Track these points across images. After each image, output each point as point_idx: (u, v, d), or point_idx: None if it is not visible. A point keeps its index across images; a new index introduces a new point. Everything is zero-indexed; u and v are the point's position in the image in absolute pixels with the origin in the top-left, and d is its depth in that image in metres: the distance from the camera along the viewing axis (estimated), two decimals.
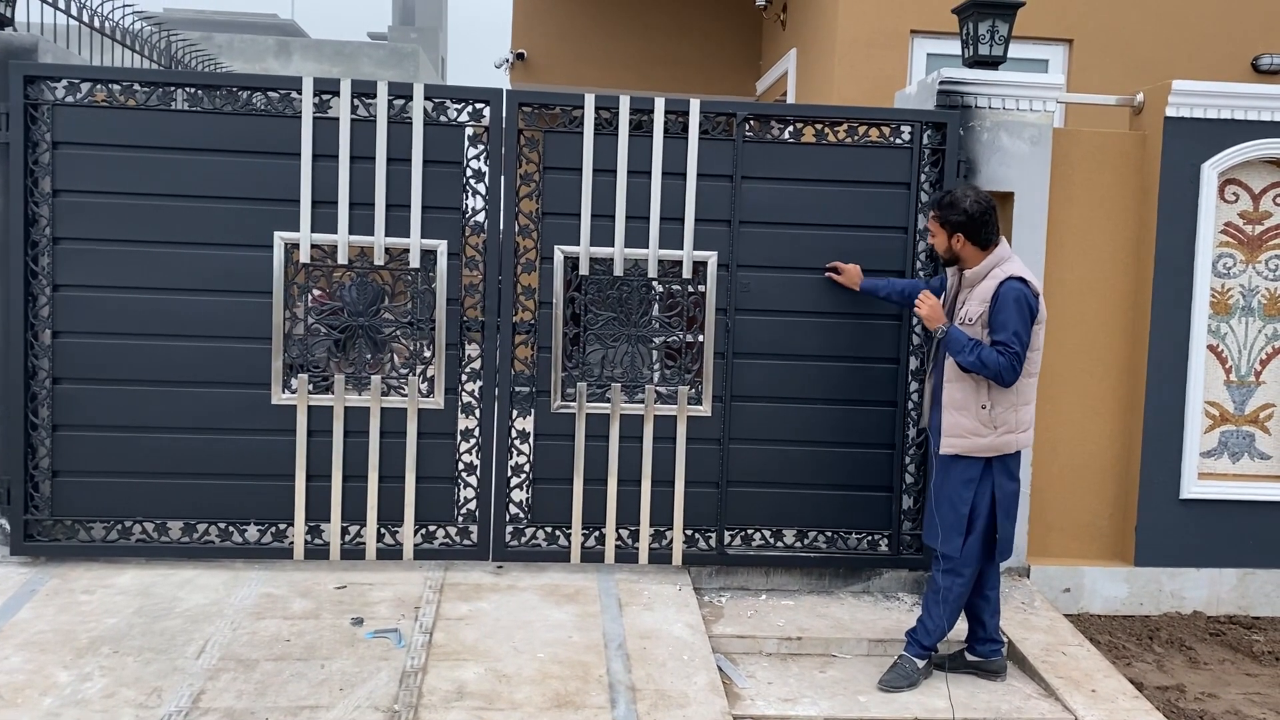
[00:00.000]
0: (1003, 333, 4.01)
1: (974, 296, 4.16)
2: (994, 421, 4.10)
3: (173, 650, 4.02)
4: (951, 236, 4.17)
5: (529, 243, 4.95)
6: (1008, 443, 4.14)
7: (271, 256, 4.80)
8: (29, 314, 4.72)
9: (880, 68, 7.31)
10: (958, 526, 4.17)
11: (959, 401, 4.14)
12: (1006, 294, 4.03)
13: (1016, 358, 3.99)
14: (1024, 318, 4.02)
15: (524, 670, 4.00)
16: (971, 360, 4.02)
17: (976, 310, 4.11)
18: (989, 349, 4.01)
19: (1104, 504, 5.50)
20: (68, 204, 4.74)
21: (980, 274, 4.16)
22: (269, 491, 4.89)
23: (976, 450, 4.13)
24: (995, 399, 4.09)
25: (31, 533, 4.80)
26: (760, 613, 4.85)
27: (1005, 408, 4.11)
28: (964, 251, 4.19)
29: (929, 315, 4.22)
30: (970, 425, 4.12)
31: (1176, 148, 5.29)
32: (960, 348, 4.05)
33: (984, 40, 5.20)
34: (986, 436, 4.11)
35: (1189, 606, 5.45)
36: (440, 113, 4.87)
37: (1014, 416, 4.13)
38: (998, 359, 3.98)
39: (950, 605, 4.25)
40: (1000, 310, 4.03)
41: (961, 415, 4.14)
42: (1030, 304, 4.06)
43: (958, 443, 4.15)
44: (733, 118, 4.97)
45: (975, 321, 4.10)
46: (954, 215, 4.14)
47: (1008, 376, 4.01)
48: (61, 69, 4.74)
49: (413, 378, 4.91)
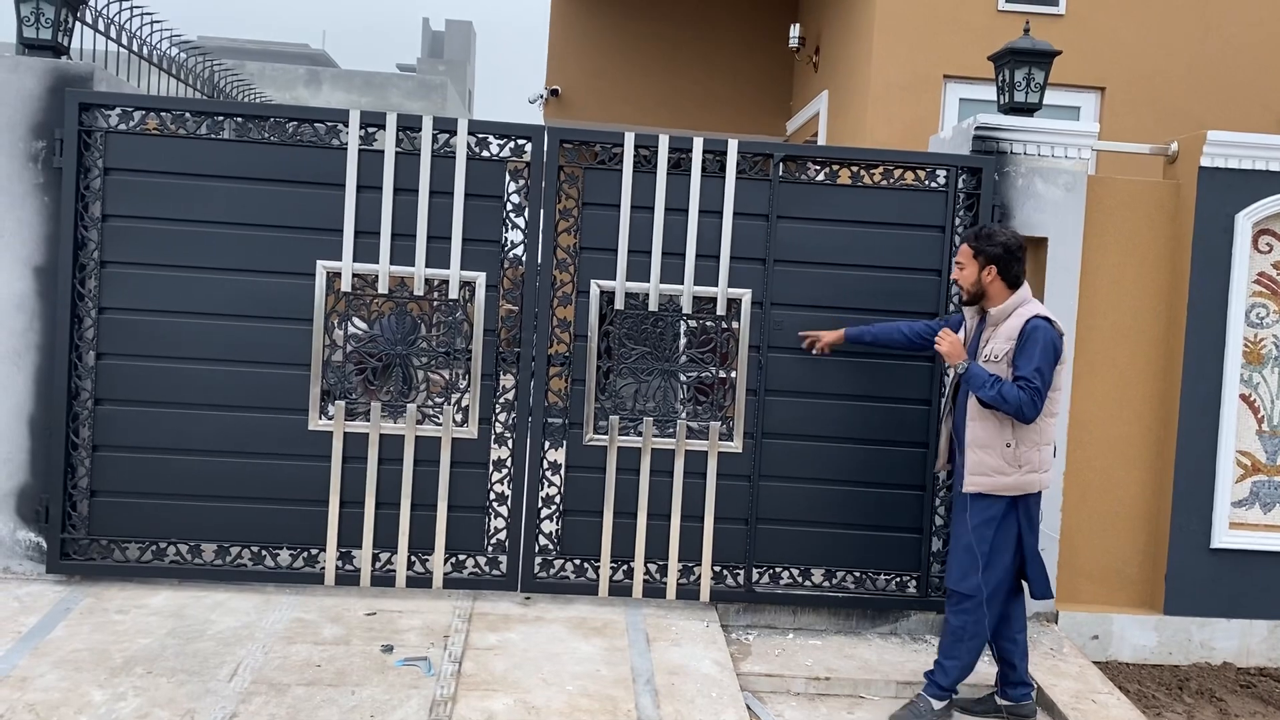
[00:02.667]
0: (1026, 368, 4.01)
1: (999, 335, 4.16)
2: (1018, 460, 4.10)
3: (205, 672, 4.04)
4: (984, 269, 4.18)
5: (566, 276, 5.01)
6: (1031, 481, 4.13)
7: (313, 284, 4.88)
8: (74, 335, 4.80)
9: (913, 111, 7.38)
10: (974, 565, 4.16)
11: (983, 440, 4.14)
12: (1033, 331, 4.05)
13: (1038, 393, 3.99)
14: (1048, 356, 4.04)
15: (553, 703, 4.01)
16: (992, 395, 4.02)
17: (1002, 348, 4.11)
18: (1010, 384, 4.01)
19: (1134, 551, 5.47)
20: (116, 229, 4.84)
21: (1005, 312, 4.17)
22: (302, 516, 4.93)
23: (1000, 489, 4.12)
24: (1020, 437, 4.09)
25: (68, 551, 4.86)
26: (788, 652, 4.84)
27: (1029, 446, 4.10)
28: (992, 287, 4.19)
29: (949, 351, 4.22)
30: (995, 463, 4.12)
31: (1211, 197, 5.31)
32: (981, 383, 4.06)
33: (1020, 87, 5.26)
34: (1011, 475, 4.11)
35: (1219, 657, 5.41)
36: (483, 147, 4.95)
37: (1037, 456, 4.13)
38: (1018, 394, 3.98)
39: (967, 645, 4.22)
40: (1026, 347, 4.04)
41: (985, 454, 4.13)
42: (1055, 344, 4.07)
43: (982, 481, 4.14)
44: (769, 158, 5.03)
45: (1001, 359, 4.10)
46: (990, 247, 4.16)
47: (1028, 412, 4.00)
48: (115, 97, 4.85)
49: (448, 407, 4.96)
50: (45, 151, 4.80)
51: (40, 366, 4.84)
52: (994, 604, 4.20)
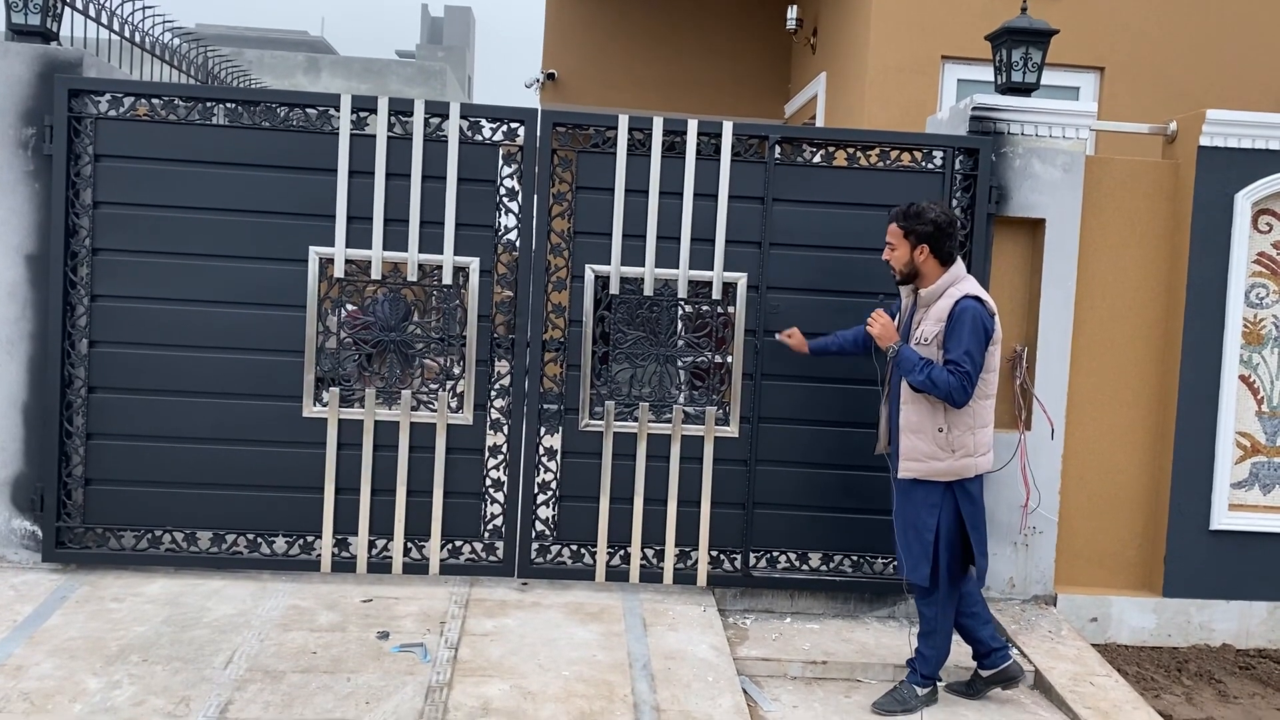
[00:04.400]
0: (955, 351, 3.93)
1: (930, 316, 4.08)
2: (951, 445, 4.03)
3: (201, 660, 4.04)
4: (916, 248, 4.09)
5: (560, 261, 4.98)
6: (966, 466, 4.06)
7: (306, 271, 4.85)
8: (66, 323, 4.79)
9: (910, 93, 7.33)
10: (925, 554, 4.10)
11: (915, 424, 4.07)
12: (962, 313, 3.97)
13: (967, 377, 3.92)
14: (978, 337, 3.96)
15: (549, 688, 4.00)
16: (921, 379, 3.95)
17: (933, 330, 4.03)
18: (940, 368, 3.94)
19: (1132, 534, 5.46)
20: (107, 216, 4.81)
21: (936, 292, 4.09)
22: (298, 504, 4.92)
23: (935, 474, 4.05)
24: (952, 421, 4.02)
25: (63, 540, 4.85)
26: (785, 636, 4.83)
27: (962, 430, 4.03)
28: (925, 266, 4.11)
29: (881, 334, 4.14)
30: (927, 449, 4.05)
31: (1210, 177, 5.27)
32: (911, 367, 3.99)
33: (1017, 67, 5.21)
34: (944, 460, 4.04)
35: (1218, 639, 5.40)
36: (475, 131, 4.92)
37: (971, 439, 4.05)
38: (948, 379, 3.91)
39: (940, 635, 4.21)
40: (956, 329, 3.96)
41: (918, 439, 4.06)
42: (986, 324, 3.99)
43: (916, 467, 4.08)
44: (765, 140, 5.00)
45: (931, 341, 4.03)
46: (921, 225, 4.06)
47: (958, 397, 3.93)
48: (104, 83, 4.82)
49: (442, 393, 4.94)
50: (35, 138, 4.77)
51: (33, 355, 4.82)
52: (947, 587, 4.16)
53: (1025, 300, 5.29)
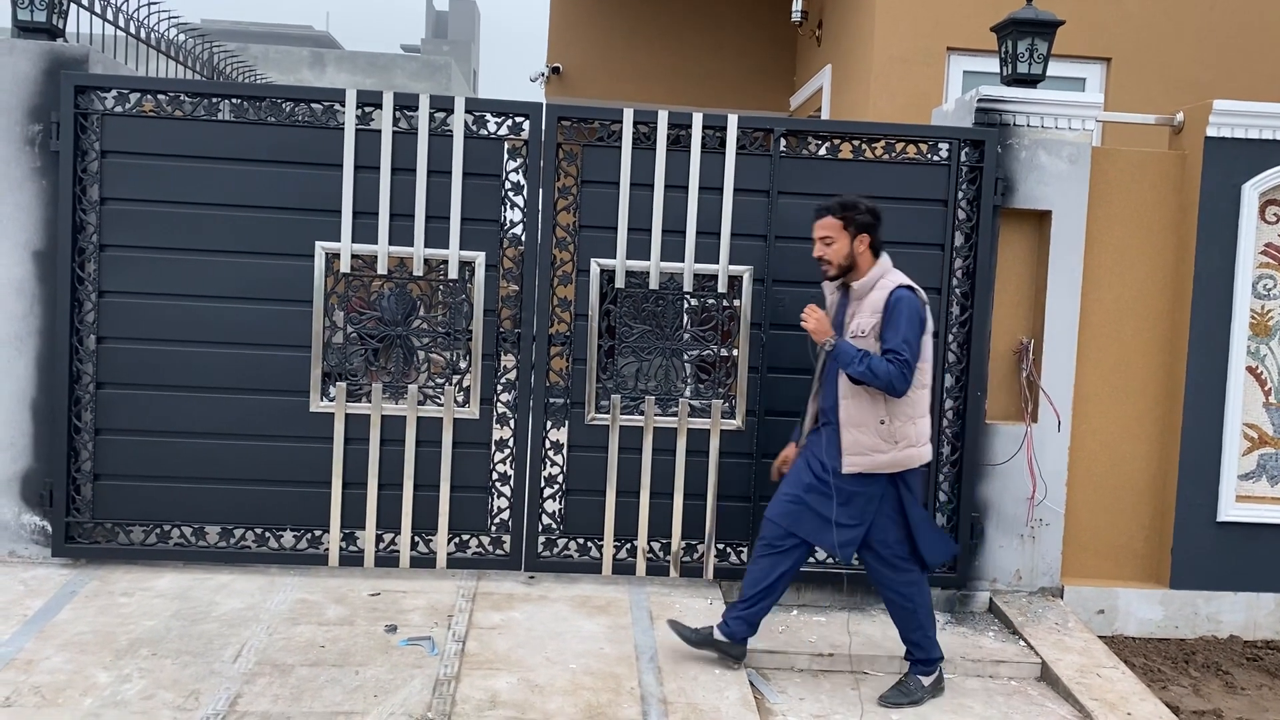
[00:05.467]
0: (893, 340, 3.92)
1: (864, 309, 4.06)
2: (894, 436, 4.01)
3: (210, 654, 4.06)
4: (856, 238, 4.07)
5: (566, 255, 4.99)
6: (909, 457, 4.05)
7: (312, 266, 4.86)
8: (74, 319, 4.80)
9: (916, 85, 7.31)
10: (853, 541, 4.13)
11: (856, 418, 4.04)
12: (898, 302, 3.96)
13: (907, 365, 3.91)
14: (915, 326, 3.95)
15: (556, 681, 4.02)
16: (861, 370, 3.92)
17: (869, 322, 4.01)
18: (879, 358, 3.92)
19: (1139, 526, 5.45)
20: (114, 212, 4.82)
21: (869, 284, 4.07)
22: (305, 498, 4.94)
23: (878, 467, 4.03)
24: (893, 412, 4.00)
25: (72, 535, 4.87)
26: (792, 628, 4.84)
27: (903, 421, 4.02)
28: (862, 258, 4.09)
29: (816, 328, 4.09)
30: (870, 442, 4.02)
31: (1217, 168, 5.25)
32: (850, 359, 3.96)
33: (1023, 58, 5.19)
34: (888, 452, 4.02)
35: (1225, 630, 5.39)
36: (480, 126, 4.92)
37: (912, 429, 4.04)
38: (888, 368, 3.90)
39: (920, 614, 4.23)
40: (892, 319, 3.95)
41: (860, 432, 4.03)
42: (921, 314, 3.99)
43: (861, 461, 4.04)
44: (770, 133, 4.99)
45: (868, 334, 4.00)
46: (860, 215, 4.05)
47: (899, 385, 3.92)
48: (111, 79, 4.83)
49: (449, 387, 4.95)
50: (42, 135, 4.78)
51: (41, 351, 4.84)
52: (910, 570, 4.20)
53: (1031, 292, 5.28)
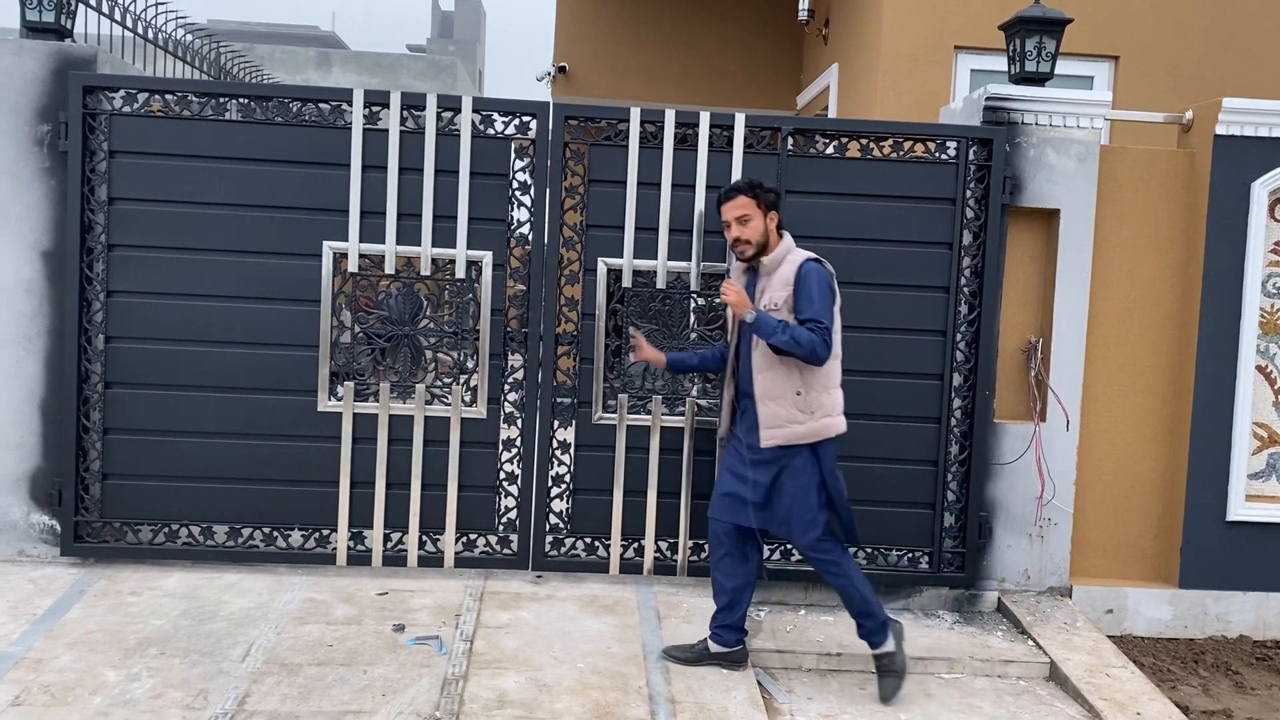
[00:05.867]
0: (809, 310, 3.97)
1: (774, 283, 4.10)
2: (810, 406, 4.04)
3: (218, 653, 4.07)
4: (768, 215, 4.15)
5: (573, 255, 4.98)
6: (826, 426, 4.06)
7: (320, 265, 4.87)
8: (83, 319, 4.81)
9: (924, 83, 7.29)
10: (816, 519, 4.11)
11: (773, 391, 4.06)
12: (808, 274, 4.03)
13: (826, 332, 3.96)
14: (826, 296, 4.02)
15: (564, 680, 4.01)
16: (785, 339, 3.94)
17: (781, 295, 4.06)
18: (800, 328, 3.96)
19: (1148, 525, 5.43)
20: (123, 211, 4.83)
21: (778, 260, 4.13)
22: (313, 497, 4.94)
23: (798, 438, 4.04)
24: (808, 383, 4.04)
25: (81, 534, 4.88)
26: (799, 628, 4.84)
27: (819, 391, 4.05)
28: (773, 235, 4.17)
29: (736, 301, 4.08)
30: (788, 413, 4.04)
31: (1226, 166, 5.23)
32: (772, 330, 3.97)
33: (1031, 56, 5.18)
34: (805, 423, 4.04)
35: (1235, 630, 5.37)
36: (487, 125, 4.92)
37: (828, 399, 4.08)
38: (810, 336, 3.93)
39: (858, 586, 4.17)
40: (805, 290, 4.01)
41: (777, 405, 4.05)
42: (830, 284, 4.07)
43: (778, 433, 4.05)
44: (777, 132, 4.99)
45: (780, 307, 4.04)
46: (767, 193, 4.16)
47: (821, 352, 3.95)
48: (119, 79, 4.83)
49: (456, 387, 4.95)
50: (50, 135, 4.79)
51: (50, 351, 4.85)
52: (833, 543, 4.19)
53: (1040, 291, 5.27)
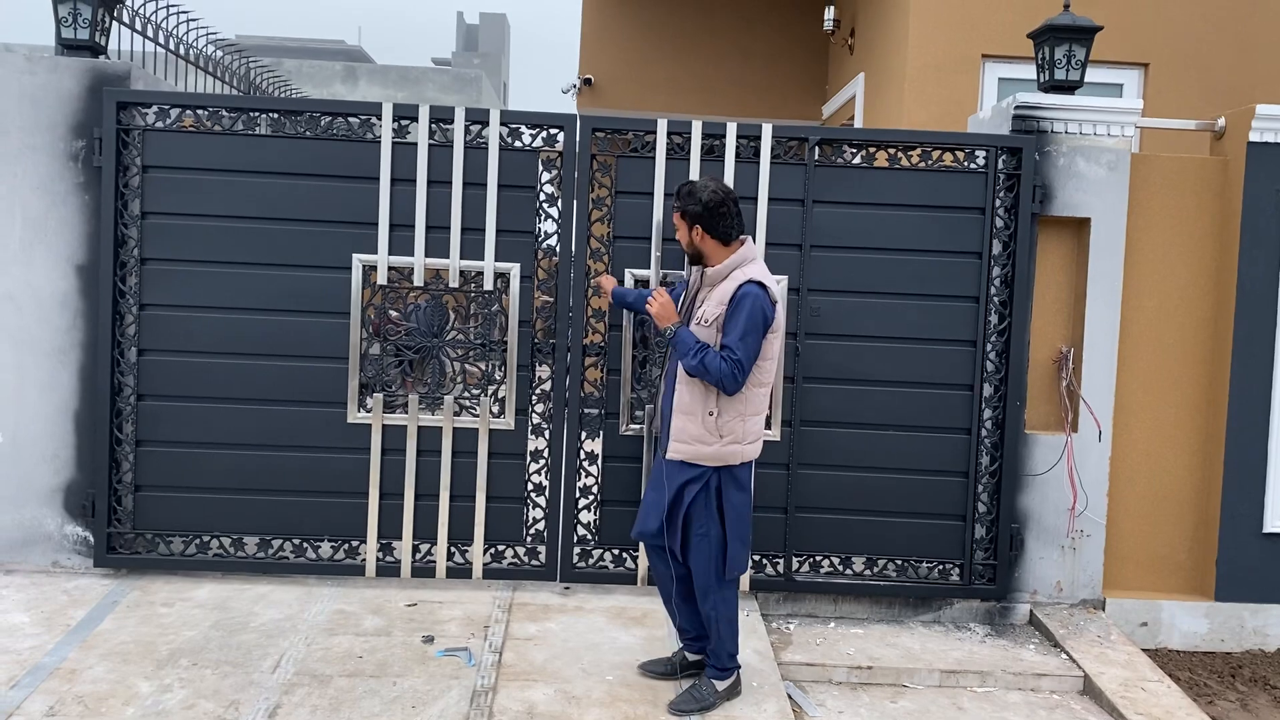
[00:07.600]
0: (730, 337, 3.80)
1: (713, 297, 3.93)
2: (720, 430, 3.88)
3: (249, 664, 4.08)
4: (691, 229, 3.97)
5: (600, 266, 4.99)
6: (733, 453, 3.92)
7: (349, 278, 4.90)
8: (116, 332, 4.86)
9: (951, 92, 7.26)
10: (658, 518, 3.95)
11: (687, 406, 3.92)
12: (743, 298, 3.82)
13: (739, 365, 3.78)
14: (756, 324, 3.80)
15: (593, 692, 4.00)
16: (694, 364, 3.81)
17: (714, 311, 3.89)
18: (714, 354, 3.80)
19: (1182, 537, 5.36)
20: (155, 226, 4.88)
21: (722, 273, 3.94)
22: (342, 509, 4.97)
23: (701, 459, 3.90)
24: (723, 406, 3.88)
25: (114, 545, 4.92)
26: (829, 641, 4.80)
27: (732, 416, 3.89)
28: (704, 246, 3.97)
29: (660, 313, 3.97)
30: (696, 432, 3.90)
31: (1259, 173, 5.17)
32: (686, 350, 3.85)
33: (1060, 64, 5.15)
34: (712, 445, 3.89)
35: (1273, 644, 5.29)
36: (515, 138, 4.94)
37: (741, 426, 3.91)
38: (720, 365, 3.77)
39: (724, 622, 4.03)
40: (735, 314, 3.81)
41: (688, 420, 3.91)
42: (766, 311, 3.84)
43: (683, 449, 3.92)
44: (804, 142, 4.98)
45: (712, 323, 3.88)
46: (692, 206, 3.93)
47: (729, 385, 3.80)
48: (152, 95, 4.89)
49: (484, 398, 4.96)
50: (85, 150, 4.85)
51: (84, 363, 4.90)
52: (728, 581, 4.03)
53: (1071, 300, 5.22)
